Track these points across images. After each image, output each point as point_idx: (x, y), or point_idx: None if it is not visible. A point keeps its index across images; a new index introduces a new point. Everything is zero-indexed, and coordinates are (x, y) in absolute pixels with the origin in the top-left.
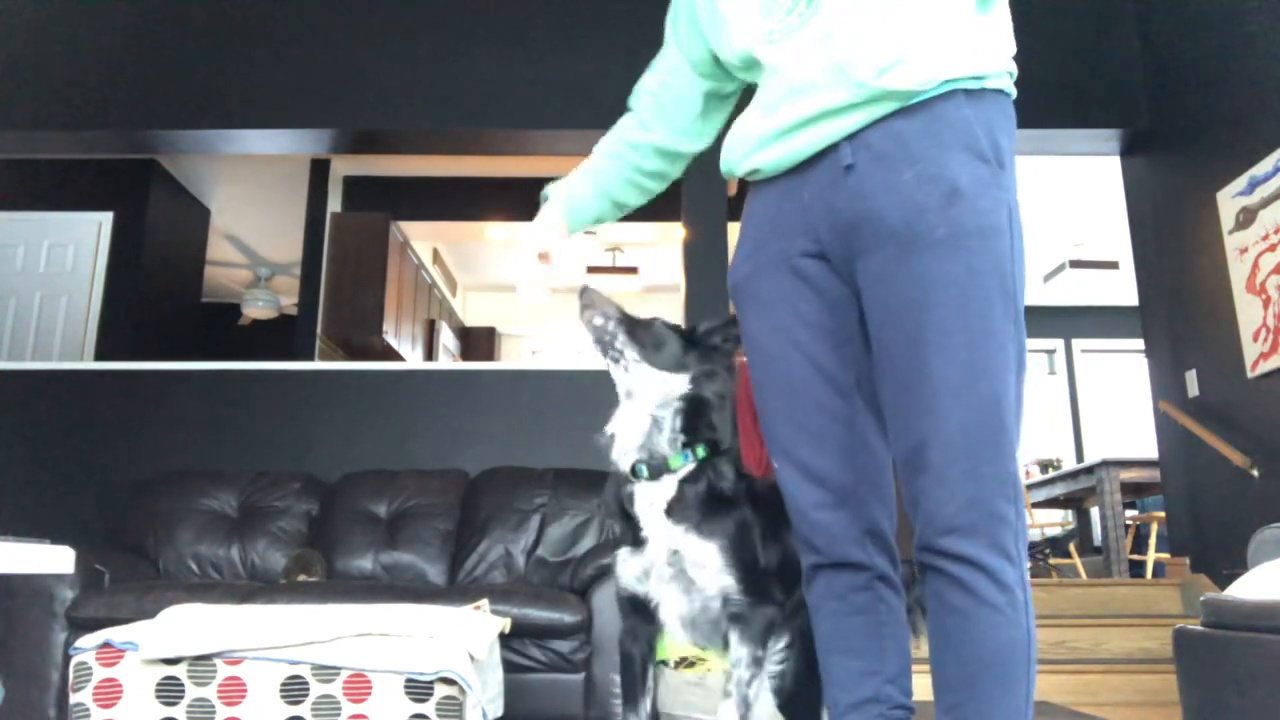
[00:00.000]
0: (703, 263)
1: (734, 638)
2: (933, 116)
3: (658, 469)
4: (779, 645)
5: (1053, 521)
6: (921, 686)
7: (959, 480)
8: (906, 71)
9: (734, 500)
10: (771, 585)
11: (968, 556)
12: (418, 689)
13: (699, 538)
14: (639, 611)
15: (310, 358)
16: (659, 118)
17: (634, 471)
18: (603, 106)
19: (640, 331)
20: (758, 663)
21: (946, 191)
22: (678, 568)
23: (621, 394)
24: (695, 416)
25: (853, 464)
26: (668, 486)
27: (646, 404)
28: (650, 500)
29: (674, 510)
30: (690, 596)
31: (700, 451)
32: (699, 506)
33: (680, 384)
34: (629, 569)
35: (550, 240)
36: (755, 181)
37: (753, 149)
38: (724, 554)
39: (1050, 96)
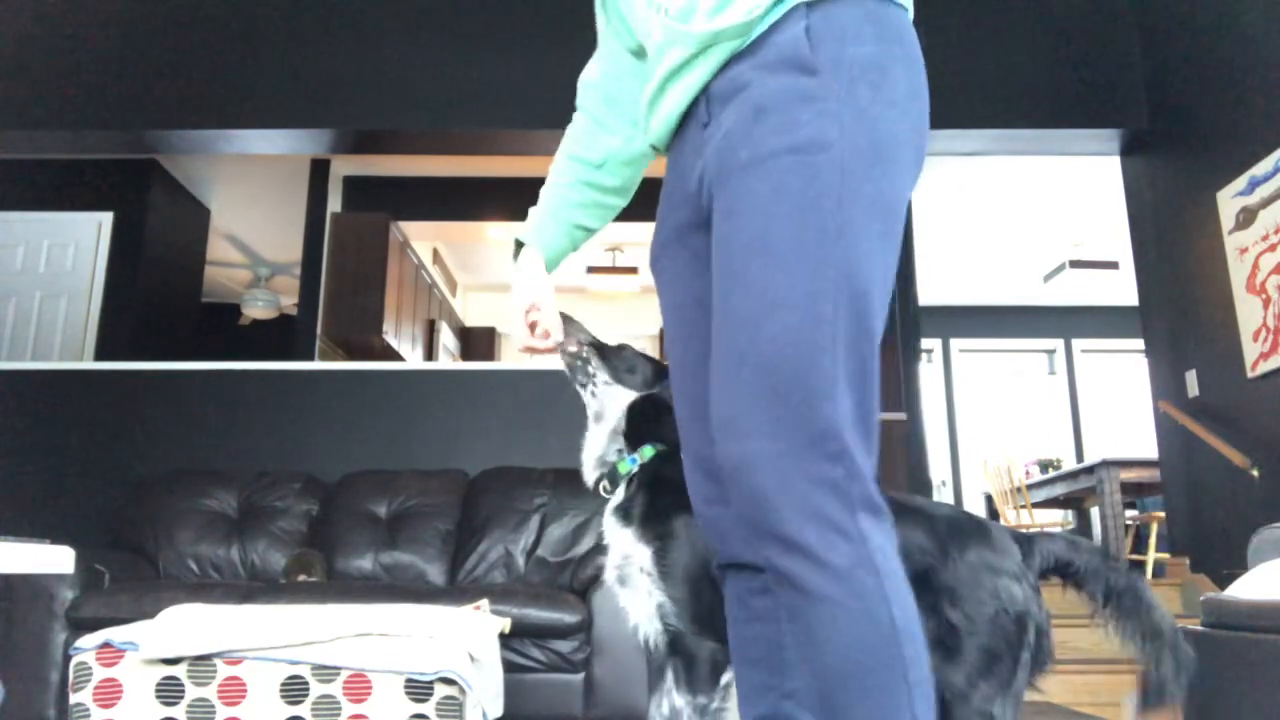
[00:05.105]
0: None
1: (669, 679)
2: (764, 45)
3: (615, 479)
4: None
5: (1053, 521)
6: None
7: (761, 433)
8: (734, 7)
9: (671, 506)
10: (718, 612)
11: (782, 535)
12: (418, 689)
13: (636, 540)
14: None
15: (310, 358)
16: (611, 110)
17: (601, 488)
18: None
19: (611, 356)
20: (702, 713)
21: (751, 111)
22: (625, 572)
23: (591, 418)
24: (638, 418)
25: None
26: (618, 493)
27: (612, 423)
28: (610, 507)
29: (620, 514)
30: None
31: (647, 452)
32: (642, 508)
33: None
34: (606, 573)
35: (539, 289)
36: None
37: (646, 124)
38: (656, 561)
39: (1050, 96)
